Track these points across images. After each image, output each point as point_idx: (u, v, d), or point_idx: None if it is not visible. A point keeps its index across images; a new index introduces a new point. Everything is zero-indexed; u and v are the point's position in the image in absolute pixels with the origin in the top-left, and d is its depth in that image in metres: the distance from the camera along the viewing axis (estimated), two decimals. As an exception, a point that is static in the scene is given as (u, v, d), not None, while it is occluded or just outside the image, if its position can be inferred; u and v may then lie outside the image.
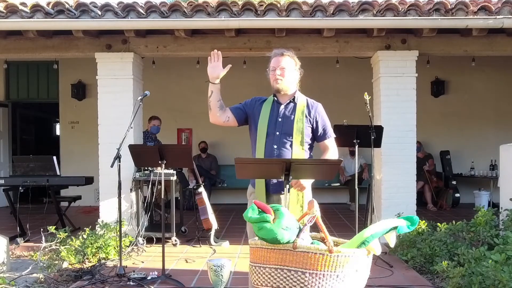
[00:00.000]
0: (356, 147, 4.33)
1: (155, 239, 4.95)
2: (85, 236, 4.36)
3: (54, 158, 5.44)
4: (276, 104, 2.58)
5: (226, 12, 4.64)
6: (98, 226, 4.69)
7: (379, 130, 4.43)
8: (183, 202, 6.16)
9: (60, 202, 6.18)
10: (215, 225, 4.84)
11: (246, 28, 4.95)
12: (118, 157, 3.67)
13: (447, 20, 4.59)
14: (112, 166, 3.61)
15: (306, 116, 2.53)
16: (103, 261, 4.30)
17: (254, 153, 2.57)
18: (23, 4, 4.88)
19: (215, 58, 2.52)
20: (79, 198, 6.40)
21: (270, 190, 2.50)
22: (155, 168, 4.76)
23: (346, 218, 6.54)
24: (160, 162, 3.79)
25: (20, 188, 5.08)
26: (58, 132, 9.89)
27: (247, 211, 1.89)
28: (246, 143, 2.72)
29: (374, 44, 5.18)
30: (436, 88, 8.04)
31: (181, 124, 8.22)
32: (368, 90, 4.29)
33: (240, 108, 2.63)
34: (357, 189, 4.29)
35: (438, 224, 4.33)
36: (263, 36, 5.17)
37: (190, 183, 6.74)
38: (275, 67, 2.52)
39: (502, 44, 5.17)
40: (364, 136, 4.28)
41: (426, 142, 7.85)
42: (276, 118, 2.53)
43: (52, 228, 4.29)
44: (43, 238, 4.31)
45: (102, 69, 5.17)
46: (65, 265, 4.08)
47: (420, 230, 4.31)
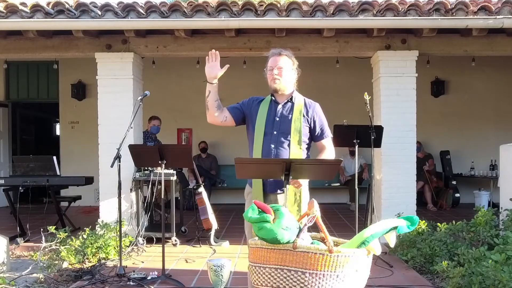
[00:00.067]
0: (356, 147, 4.33)
1: (155, 239, 4.95)
2: (85, 236, 4.36)
3: (54, 158, 5.44)
4: (274, 104, 2.58)
5: (226, 12, 4.64)
6: (98, 226, 4.69)
7: (379, 130, 4.43)
8: (183, 202, 6.16)
9: (60, 202, 6.18)
10: (215, 225, 4.84)
11: (246, 28, 4.95)
12: (118, 157, 3.67)
13: (447, 20, 4.59)
14: (112, 166, 3.61)
15: (304, 116, 2.54)
16: (103, 261, 4.30)
17: (251, 152, 2.56)
18: (23, 4, 4.88)
19: (213, 58, 2.53)
20: (79, 198, 6.40)
21: (267, 190, 2.50)
22: (155, 168, 4.76)
23: (346, 218, 6.54)
24: (160, 162, 3.79)
25: (20, 188, 5.08)
26: (58, 132, 9.89)
27: (247, 211, 1.90)
28: (246, 143, 2.71)
29: (374, 44, 5.18)
30: (436, 88, 8.04)
31: (181, 124, 8.22)
32: (368, 90, 4.29)
33: (237, 108, 2.64)
34: (357, 189, 4.29)
35: (438, 224, 4.32)
36: (263, 36, 5.17)
37: (190, 183, 6.74)
38: (273, 66, 2.53)
39: (502, 44, 5.17)
40: (364, 136, 4.28)
41: (426, 142, 7.85)
42: (274, 118, 2.54)
43: (52, 228, 4.29)
44: (43, 238, 4.31)
45: (102, 69, 5.17)
46: (65, 265, 4.08)
47: (420, 230, 4.31)
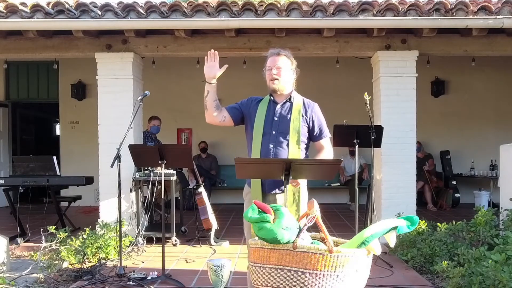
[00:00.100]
0: (356, 147, 4.33)
1: (155, 239, 4.95)
2: (85, 236, 4.36)
3: (54, 158, 5.44)
4: (273, 104, 2.58)
5: (226, 12, 4.64)
6: (98, 226, 4.69)
7: (379, 130, 4.43)
8: (183, 202, 6.16)
9: (60, 202, 6.18)
10: (215, 225, 4.84)
11: (246, 28, 4.95)
12: (118, 157, 3.67)
13: (447, 20, 4.59)
14: (112, 166, 3.61)
15: (303, 116, 2.53)
16: (103, 261, 4.30)
17: (250, 152, 2.56)
18: (23, 4, 4.88)
19: (211, 58, 2.53)
20: (79, 198, 6.40)
21: (266, 190, 2.50)
22: (155, 168, 4.76)
23: (346, 218, 6.54)
24: (160, 162, 3.79)
25: (20, 188, 5.08)
26: (58, 132, 9.89)
27: (247, 211, 1.89)
28: (246, 143, 2.71)
29: (374, 44, 5.18)
30: (436, 88, 8.04)
31: (181, 124, 8.22)
32: (368, 90, 4.29)
33: (236, 108, 2.63)
34: (357, 189, 4.29)
35: (438, 224, 4.33)
36: (263, 36, 5.17)
37: (190, 183, 6.74)
38: (271, 66, 2.52)
39: (502, 44, 5.17)
40: (364, 136, 4.28)
41: (426, 142, 7.85)
42: (273, 118, 2.53)
43: (52, 228, 4.29)
44: (43, 238, 4.31)
45: (102, 69, 5.17)
46: (65, 265, 4.08)
47: (420, 230, 4.31)
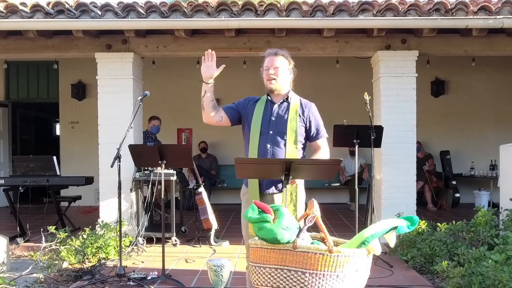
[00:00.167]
0: (356, 147, 4.33)
1: (155, 239, 4.95)
2: (85, 236, 4.36)
3: (54, 158, 5.44)
4: (270, 104, 2.58)
5: (226, 12, 4.64)
6: (98, 226, 4.69)
7: (379, 130, 4.43)
8: (183, 202, 6.15)
9: (60, 202, 6.18)
10: (215, 225, 4.84)
11: (246, 28, 4.96)
12: (118, 157, 3.67)
13: (447, 20, 4.59)
14: (112, 166, 3.61)
15: (300, 116, 2.54)
16: (103, 261, 4.30)
17: (247, 152, 2.56)
18: (23, 4, 4.88)
19: (209, 58, 2.53)
20: (79, 198, 6.40)
21: (264, 190, 2.50)
22: (155, 168, 4.76)
23: (346, 218, 6.54)
24: (160, 162, 3.79)
25: (20, 188, 5.08)
26: (58, 132, 9.89)
27: (247, 211, 1.89)
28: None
29: (374, 44, 5.18)
30: (436, 88, 8.04)
31: (181, 124, 8.22)
32: (368, 90, 4.29)
33: (233, 108, 2.64)
34: (357, 189, 4.29)
35: (438, 224, 4.32)
36: (263, 36, 5.17)
37: (190, 183, 6.74)
38: (269, 66, 2.53)
39: (502, 44, 5.17)
40: (364, 136, 4.28)
41: (426, 142, 7.85)
42: (270, 117, 2.54)
43: (52, 228, 4.29)
44: (43, 238, 4.31)
45: (102, 69, 5.17)
46: (65, 265, 4.08)
47: (420, 230, 4.31)
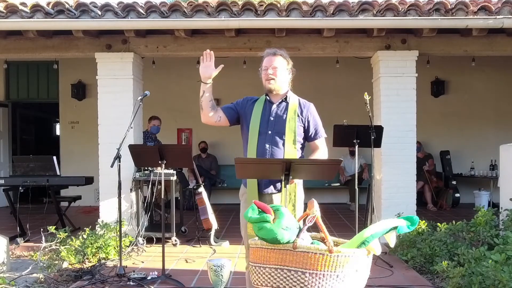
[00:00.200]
0: (356, 147, 4.33)
1: (155, 239, 4.95)
2: (85, 236, 4.36)
3: (54, 158, 5.44)
4: (268, 104, 2.58)
5: (226, 12, 4.64)
6: (98, 226, 4.69)
7: (379, 130, 4.43)
8: (183, 202, 6.15)
9: (60, 202, 6.18)
10: (215, 225, 4.84)
11: (246, 28, 4.96)
12: (118, 157, 3.67)
13: (447, 20, 4.59)
14: (112, 166, 3.61)
15: (298, 116, 2.54)
16: (103, 261, 4.30)
17: (245, 152, 2.56)
18: (23, 4, 4.88)
19: (207, 58, 2.53)
20: (79, 198, 6.40)
21: (262, 190, 2.49)
22: (155, 168, 4.76)
23: (346, 218, 6.54)
24: (160, 162, 3.79)
25: (20, 188, 5.08)
26: (58, 132, 9.89)
27: (247, 211, 1.89)
28: (246, 144, 2.71)
29: (374, 44, 5.18)
30: (436, 88, 8.04)
31: (181, 124, 8.22)
32: (368, 90, 4.29)
33: (231, 108, 2.64)
34: (357, 189, 4.29)
35: (438, 224, 4.33)
36: (263, 36, 5.17)
37: (190, 183, 6.74)
38: (268, 66, 2.53)
39: (502, 44, 5.17)
40: (364, 136, 4.28)
41: (426, 142, 7.85)
42: (268, 117, 2.54)
43: (52, 228, 4.29)
44: (43, 238, 4.31)
45: (102, 69, 5.17)
46: (65, 265, 4.08)
47: (420, 230, 4.31)
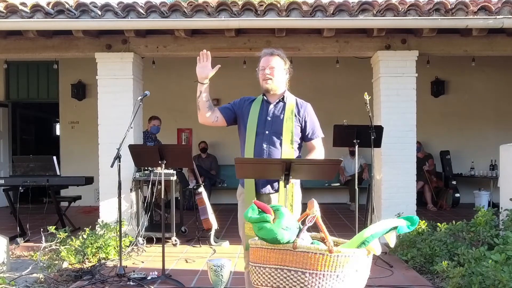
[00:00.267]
0: (356, 147, 4.33)
1: (155, 239, 4.95)
2: (85, 236, 4.36)
3: (54, 158, 5.44)
4: (266, 104, 2.58)
5: (226, 12, 4.64)
6: (98, 226, 4.69)
7: (379, 130, 4.43)
8: (183, 202, 6.15)
9: (60, 202, 6.18)
10: (215, 225, 4.84)
11: (246, 28, 4.96)
12: (118, 157, 3.67)
13: (447, 20, 4.59)
14: (112, 166, 3.61)
15: (296, 116, 2.54)
16: (103, 261, 4.30)
17: (243, 152, 2.56)
18: (23, 4, 4.88)
19: (203, 58, 2.53)
20: (79, 198, 6.40)
21: (260, 190, 2.50)
22: (155, 168, 4.76)
23: (346, 218, 6.54)
24: (160, 162, 3.79)
25: (20, 188, 5.08)
26: (58, 132, 9.89)
27: (247, 211, 1.89)
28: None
29: (374, 44, 5.18)
30: (436, 88, 8.04)
31: (181, 124, 8.22)
32: (368, 90, 4.29)
33: (229, 108, 2.64)
34: (357, 189, 4.29)
35: (438, 224, 4.33)
36: (263, 36, 5.17)
37: (190, 183, 6.74)
38: (265, 66, 2.53)
39: (502, 44, 5.17)
40: (364, 136, 4.28)
41: (426, 142, 7.85)
42: (266, 117, 2.54)
43: (52, 228, 4.29)
44: (43, 238, 4.31)
45: (102, 69, 5.17)
46: (65, 265, 4.08)
47: (420, 230, 4.31)
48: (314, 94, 6.43)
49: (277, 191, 2.48)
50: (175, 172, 5.01)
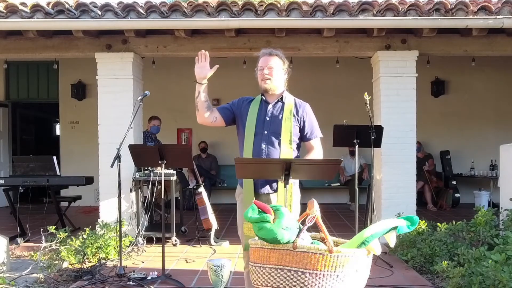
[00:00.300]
0: (356, 147, 4.33)
1: (155, 239, 4.95)
2: (85, 236, 4.36)
3: (54, 158, 5.44)
4: (264, 104, 2.58)
5: (226, 12, 4.64)
6: (98, 226, 4.69)
7: (379, 130, 4.43)
8: (183, 202, 6.16)
9: (60, 202, 6.18)
10: (215, 225, 4.84)
11: (246, 28, 4.96)
12: (118, 157, 3.67)
13: (447, 20, 4.59)
14: (112, 166, 3.61)
15: (294, 116, 2.54)
16: (103, 261, 4.30)
17: (241, 152, 2.56)
18: (23, 4, 4.88)
19: (202, 59, 2.53)
20: (79, 198, 6.40)
21: (259, 190, 2.49)
22: (155, 168, 4.76)
23: (346, 218, 6.54)
24: (160, 162, 3.79)
25: (20, 188, 5.09)
26: (58, 132, 9.89)
27: (247, 211, 1.89)
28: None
29: (374, 44, 5.18)
30: (436, 88, 8.04)
31: (181, 124, 8.22)
32: (368, 90, 4.29)
33: (227, 108, 2.64)
34: (357, 189, 4.29)
35: (438, 224, 4.33)
36: (263, 36, 5.17)
37: (190, 183, 6.74)
38: (263, 66, 2.52)
39: (502, 44, 5.17)
40: (364, 136, 4.28)
41: (426, 142, 7.85)
42: (264, 117, 2.53)
43: (52, 228, 4.29)
44: (43, 238, 4.31)
45: (102, 69, 5.17)
46: (65, 265, 4.08)
47: (420, 230, 4.31)
48: (314, 94, 6.43)
49: (275, 191, 2.48)
50: (175, 172, 5.01)
